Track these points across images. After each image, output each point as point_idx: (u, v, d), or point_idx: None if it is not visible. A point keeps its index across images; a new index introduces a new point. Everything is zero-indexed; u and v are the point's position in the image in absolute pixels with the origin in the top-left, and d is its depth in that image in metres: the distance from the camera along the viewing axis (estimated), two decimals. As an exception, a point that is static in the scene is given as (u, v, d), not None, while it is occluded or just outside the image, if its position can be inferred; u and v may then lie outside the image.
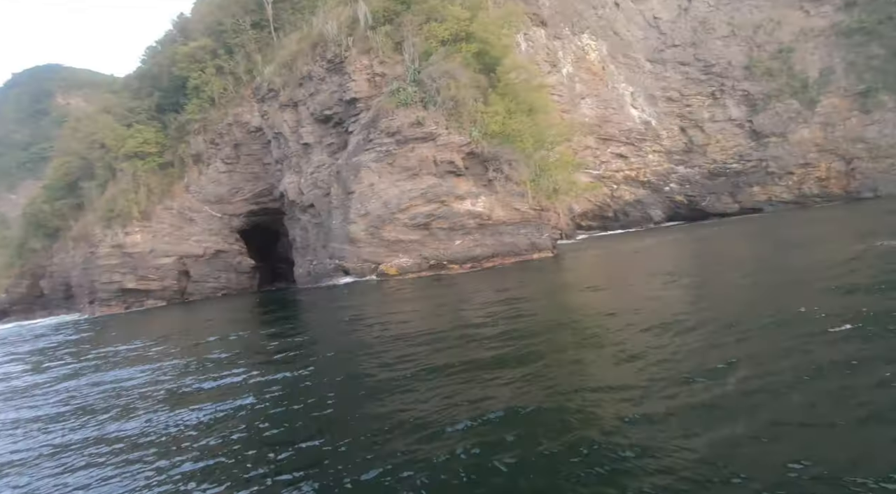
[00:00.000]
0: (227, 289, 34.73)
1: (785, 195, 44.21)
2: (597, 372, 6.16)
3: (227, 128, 33.88)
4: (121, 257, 32.67)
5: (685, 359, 5.97)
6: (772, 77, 44.49)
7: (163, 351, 12.67)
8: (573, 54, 47.24)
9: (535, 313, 10.39)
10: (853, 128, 41.18)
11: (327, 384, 7.23)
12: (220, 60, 34.83)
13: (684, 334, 7.00)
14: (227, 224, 34.92)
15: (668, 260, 17.41)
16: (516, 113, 24.82)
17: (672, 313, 8.41)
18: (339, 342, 10.78)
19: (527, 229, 24.50)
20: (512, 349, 7.47)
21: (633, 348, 6.67)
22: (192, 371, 9.66)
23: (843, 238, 16.38)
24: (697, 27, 48.19)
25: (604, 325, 8.31)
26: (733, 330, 6.85)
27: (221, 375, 8.74)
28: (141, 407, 7.54)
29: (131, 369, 10.73)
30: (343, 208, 24.85)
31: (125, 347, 14.43)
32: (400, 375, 6.90)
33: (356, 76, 26.07)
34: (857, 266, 10.04)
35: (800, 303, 7.57)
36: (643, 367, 5.88)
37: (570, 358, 6.76)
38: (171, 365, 10.50)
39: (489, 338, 8.23)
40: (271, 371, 8.54)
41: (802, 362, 5.31)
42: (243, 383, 8.01)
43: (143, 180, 33.41)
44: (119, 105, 37.06)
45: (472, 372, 6.60)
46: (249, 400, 6.96)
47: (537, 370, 6.34)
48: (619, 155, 49.01)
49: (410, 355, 7.84)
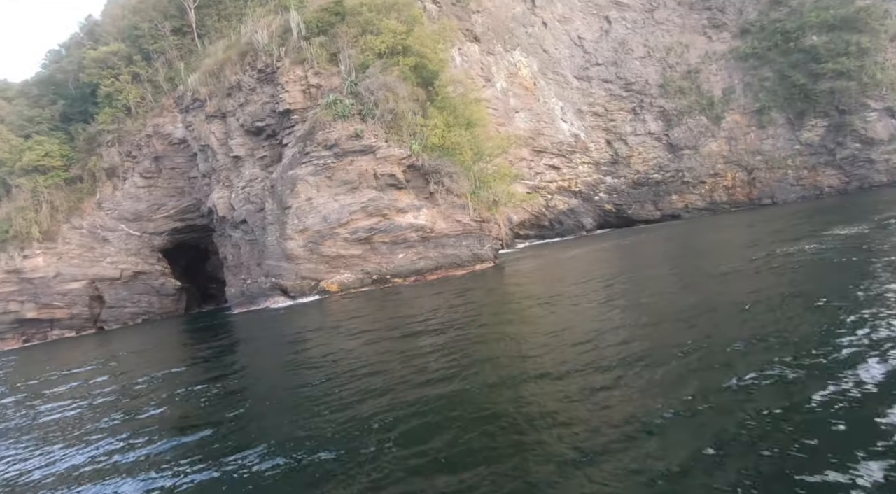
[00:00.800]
0: (150, 314, 31.85)
1: (699, 202, 48.42)
2: (540, 387, 6.22)
3: (147, 140, 31.35)
4: (18, 283, 28.92)
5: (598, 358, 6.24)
6: (683, 95, 48.79)
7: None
8: (506, 70, 48.98)
9: (476, 324, 10.42)
10: (752, 141, 46.07)
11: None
12: (136, 67, 32.27)
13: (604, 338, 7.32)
14: (147, 243, 32.12)
15: (598, 267, 18.30)
16: (455, 126, 25.13)
17: (600, 318, 8.81)
18: (281, 388, 8.50)
19: (469, 240, 24.75)
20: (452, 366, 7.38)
21: (574, 356, 6.84)
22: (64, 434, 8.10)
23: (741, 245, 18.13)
24: (618, 47, 51.90)
25: (545, 338, 8.47)
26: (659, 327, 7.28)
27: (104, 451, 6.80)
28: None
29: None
30: (279, 224, 23.73)
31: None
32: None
33: (290, 87, 25.18)
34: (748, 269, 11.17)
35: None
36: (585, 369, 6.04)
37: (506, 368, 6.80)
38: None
39: (435, 366, 8.06)
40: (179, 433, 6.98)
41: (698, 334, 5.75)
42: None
43: (45, 197, 29.89)
44: (14, 113, 33.02)
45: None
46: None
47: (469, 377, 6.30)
48: (552, 166, 51.24)
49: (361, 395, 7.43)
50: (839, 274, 9.50)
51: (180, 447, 6.44)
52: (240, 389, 9.04)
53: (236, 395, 8.58)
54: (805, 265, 10.71)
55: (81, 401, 10.34)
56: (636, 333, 7.70)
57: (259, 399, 8.14)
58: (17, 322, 29.17)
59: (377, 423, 5.75)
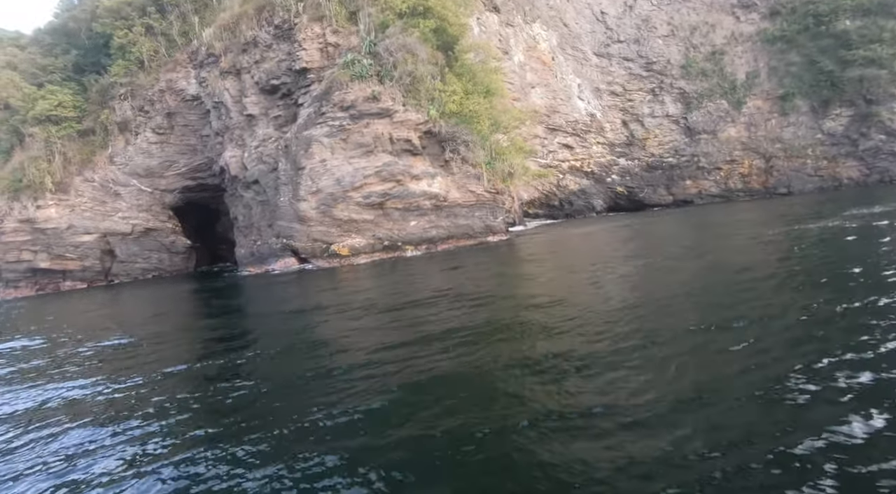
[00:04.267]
0: (160, 271, 32.10)
1: (713, 189, 47.69)
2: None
3: (159, 95, 30.92)
4: (31, 233, 29.09)
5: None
6: (705, 77, 47.48)
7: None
8: (524, 43, 47.69)
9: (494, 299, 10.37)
10: (773, 128, 45.03)
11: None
12: (150, 19, 31.56)
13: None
14: (158, 200, 32.10)
15: (614, 244, 18.16)
16: (473, 94, 24.65)
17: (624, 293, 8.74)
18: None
19: (482, 212, 24.59)
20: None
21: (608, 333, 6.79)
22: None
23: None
24: (641, 25, 50.28)
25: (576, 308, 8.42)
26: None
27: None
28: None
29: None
30: (292, 185, 23.58)
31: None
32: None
33: (307, 45, 24.61)
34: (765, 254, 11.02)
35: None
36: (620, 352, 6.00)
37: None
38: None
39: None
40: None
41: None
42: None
43: (58, 147, 29.72)
44: (27, 61, 32.50)
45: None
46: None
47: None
48: (565, 145, 50.41)
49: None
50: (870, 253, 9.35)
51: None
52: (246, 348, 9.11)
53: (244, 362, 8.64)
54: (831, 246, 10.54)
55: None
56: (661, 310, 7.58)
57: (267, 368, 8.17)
58: (31, 271, 29.49)
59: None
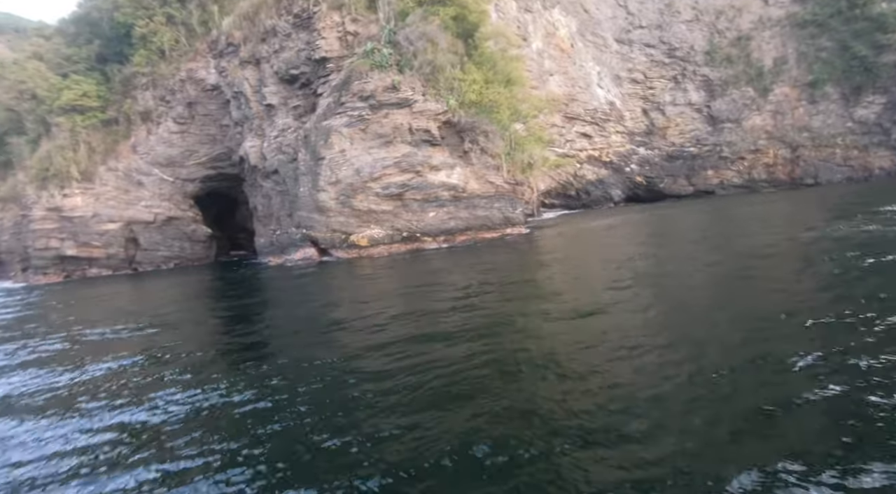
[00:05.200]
0: (181, 259, 32.69)
1: (735, 179, 46.51)
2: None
3: (180, 85, 31.19)
4: (58, 221, 29.83)
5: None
6: (730, 63, 46.04)
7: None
8: (543, 29, 46.73)
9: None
10: (800, 117, 43.60)
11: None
12: (170, 8, 31.72)
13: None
14: (179, 189, 32.58)
15: (636, 237, 17.87)
16: (493, 83, 24.31)
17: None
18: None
19: (501, 203, 24.39)
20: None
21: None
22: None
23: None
24: (664, 9, 48.83)
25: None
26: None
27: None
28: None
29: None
30: (312, 175, 23.66)
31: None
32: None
33: (326, 34, 24.49)
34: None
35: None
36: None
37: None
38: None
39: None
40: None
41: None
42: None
43: (83, 137, 30.28)
44: (52, 51, 33.03)
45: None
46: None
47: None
48: (583, 134, 49.54)
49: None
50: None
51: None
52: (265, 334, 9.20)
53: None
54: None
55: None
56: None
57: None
58: (58, 258, 30.30)
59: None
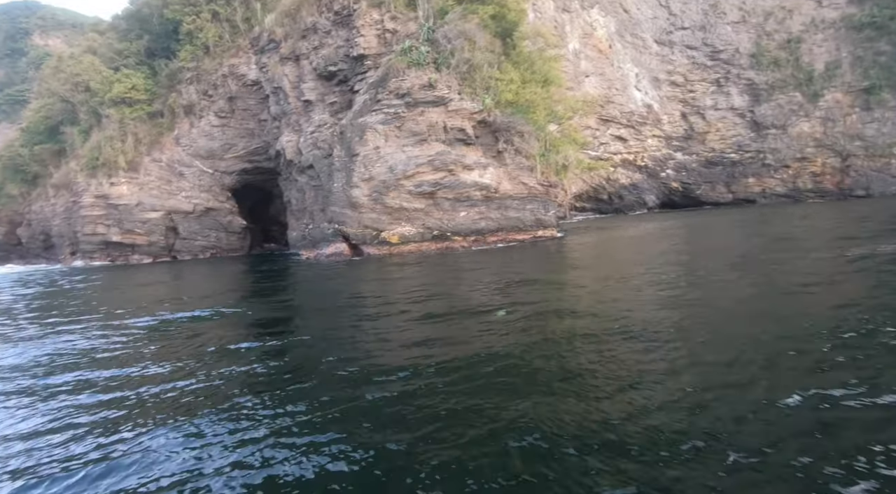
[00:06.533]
0: (217, 249, 33.72)
1: (779, 188, 44.62)
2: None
3: (222, 80, 32.15)
4: (105, 208, 31.24)
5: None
6: (778, 67, 44.15)
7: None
8: (581, 29, 45.93)
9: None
10: (853, 124, 41.42)
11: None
12: (215, 5, 32.73)
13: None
14: (218, 181, 33.59)
15: (673, 247, 17.29)
16: (530, 83, 24.04)
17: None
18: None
19: (533, 205, 24.09)
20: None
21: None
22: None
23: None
24: (708, 10, 47.23)
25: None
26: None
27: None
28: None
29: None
30: (346, 171, 23.95)
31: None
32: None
33: (365, 31, 24.73)
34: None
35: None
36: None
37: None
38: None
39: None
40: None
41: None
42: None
43: (130, 128, 31.62)
44: (105, 46, 34.65)
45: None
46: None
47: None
48: (618, 137, 48.51)
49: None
50: None
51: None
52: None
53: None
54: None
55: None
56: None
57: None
58: (104, 243, 31.75)
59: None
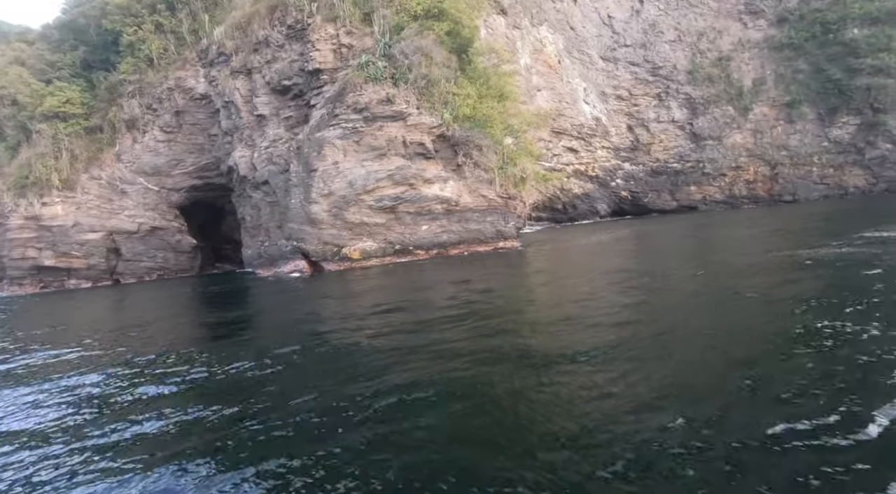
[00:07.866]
0: (165, 270, 31.87)
1: (717, 195, 47.75)
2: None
3: (168, 93, 30.72)
4: (37, 230, 28.84)
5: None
6: (711, 83, 47.50)
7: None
8: (531, 46, 47.59)
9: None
10: (778, 136, 45.12)
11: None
12: (160, 17, 31.36)
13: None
14: (164, 198, 31.88)
15: (627, 255, 18.11)
16: (486, 97, 24.57)
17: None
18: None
19: (493, 217, 24.48)
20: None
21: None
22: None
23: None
24: (648, 29, 50.27)
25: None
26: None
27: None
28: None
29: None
30: (304, 186, 23.42)
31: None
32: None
33: (320, 46, 24.46)
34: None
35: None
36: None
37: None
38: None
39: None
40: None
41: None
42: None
43: (65, 144, 29.46)
44: (35, 57, 32.25)
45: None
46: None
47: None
48: (570, 149, 50.38)
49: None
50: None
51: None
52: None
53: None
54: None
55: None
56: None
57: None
58: (35, 268, 29.24)
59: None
